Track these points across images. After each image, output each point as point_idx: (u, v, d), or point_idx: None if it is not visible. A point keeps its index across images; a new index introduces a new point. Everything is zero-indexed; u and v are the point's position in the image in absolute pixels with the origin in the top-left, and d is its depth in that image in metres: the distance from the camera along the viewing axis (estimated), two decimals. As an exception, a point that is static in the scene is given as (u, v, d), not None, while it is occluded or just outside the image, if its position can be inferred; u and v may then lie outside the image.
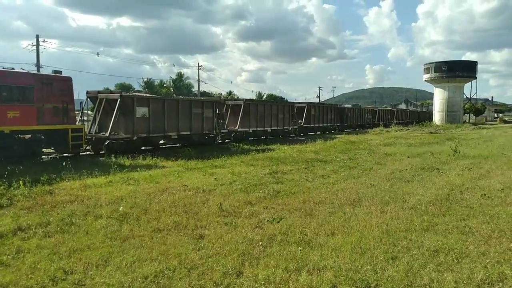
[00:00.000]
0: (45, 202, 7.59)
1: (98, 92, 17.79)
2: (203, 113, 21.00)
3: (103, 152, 16.37)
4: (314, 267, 4.53)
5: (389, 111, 62.88)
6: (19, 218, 6.48)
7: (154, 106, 18.20)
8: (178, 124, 19.36)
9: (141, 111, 17.40)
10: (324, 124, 37.48)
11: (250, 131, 25.79)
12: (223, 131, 23.25)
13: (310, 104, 36.17)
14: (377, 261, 4.68)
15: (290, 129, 30.93)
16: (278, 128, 29.09)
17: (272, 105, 29.43)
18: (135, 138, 17.10)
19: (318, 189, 9.15)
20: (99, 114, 17.20)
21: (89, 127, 17.66)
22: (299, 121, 32.95)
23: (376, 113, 54.40)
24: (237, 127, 24.63)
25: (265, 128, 27.57)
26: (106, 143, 16.24)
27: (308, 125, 34.51)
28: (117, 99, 16.68)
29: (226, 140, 24.46)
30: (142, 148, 18.18)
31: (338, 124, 41.00)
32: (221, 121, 23.05)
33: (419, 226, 6.15)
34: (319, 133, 36.14)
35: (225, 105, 25.36)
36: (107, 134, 16.24)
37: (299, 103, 37.63)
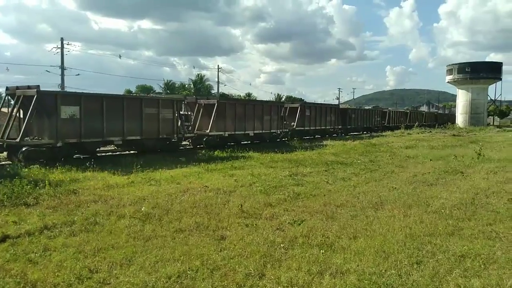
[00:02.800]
0: (70, 202, 7.76)
1: (17, 88, 14.63)
2: (159, 113, 17.50)
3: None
4: (337, 270, 4.49)
5: (402, 112, 57.24)
6: (45, 217, 6.63)
7: (88, 105, 14.85)
8: (123, 126, 15.93)
9: (68, 110, 14.17)
10: (322, 127, 33.13)
11: (226, 135, 21.87)
12: (188, 135, 19.91)
13: (304, 104, 32.06)
14: (401, 266, 4.61)
15: (279, 132, 26.71)
16: (264, 131, 24.87)
17: (255, 105, 25.03)
18: (59, 144, 13.91)
19: (339, 191, 9.07)
20: (13, 115, 14.41)
21: (2, 130, 14.50)
22: (292, 123, 28.93)
23: (386, 115, 49.14)
24: (208, 131, 20.74)
25: (247, 132, 23.44)
26: (22, 150, 13.22)
27: (302, 128, 30.14)
28: (34, 95, 13.54)
29: (200, 146, 21.05)
30: (76, 156, 15.30)
31: (340, 127, 36.69)
32: (187, 123, 19.88)
33: (444, 230, 6.03)
34: (318, 136, 32.35)
35: (197, 105, 21.64)
36: (18, 139, 13.37)
37: (292, 103, 33.95)
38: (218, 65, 69.97)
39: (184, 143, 21.26)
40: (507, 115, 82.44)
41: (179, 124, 18.83)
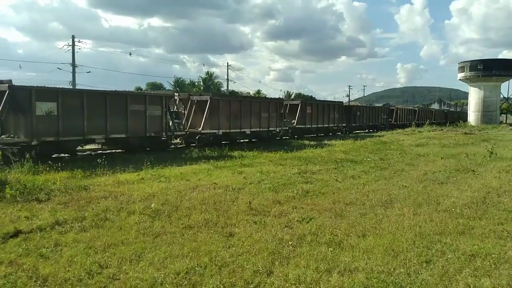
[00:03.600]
0: (81, 198, 7.84)
1: None
2: (147, 110, 16.65)
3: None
4: (345, 268, 4.48)
5: (410, 110, 55.40)
6: (56, 212, 6.72)
7: (67, 101, 14.02)
8: (106, 124, 15.14)
9: (44, 107, 13.42)
10: (325, 125, 32.08)
11: (220, 133, 20.69)
12: (179, 133, 19.08)
13: (305, 101, 31.11)
14: (410, 264, 4.59)
15: (278, 130, 25.67)
16: (262, 129, 23.81)
17: (252, 101, 23.82)
18: (34, 142, 13.15)
19: (348, 189, 9.04)
20: None
21: None
22: (292, 121, 28.05)
23: (393, 113, 47.80)
24: (200, 129, 19.69)
25: (243, 130, 22.41)
26: None
27: (303, 126, 29.20)
28: (6, 91, 12.87)
29: (193, 145, 20.34)
30: (54, 155, 14.49)
31: (344, 125, 35.61)
32: (177, 120, 19.07)
33: (454, 229, 5.97)
34: (321, 135, 31.82)
35: (190, 101, 20.62)
36: None
37: (292, 99, 33.01)
38: (227, 63, 70.10)
39: (176, 141, 20.54)
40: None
41: (169, 122, 18.14)
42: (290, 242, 5.34)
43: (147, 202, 7.57)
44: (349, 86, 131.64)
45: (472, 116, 62.68)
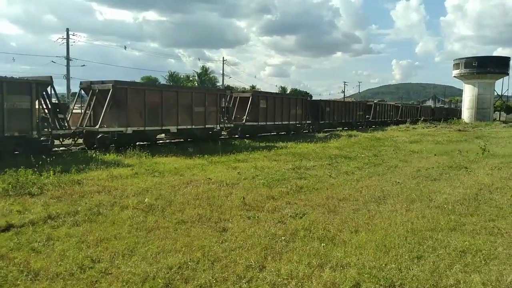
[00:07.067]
0: (74, 192, 7.81)
1: None
2: (4, 101, 12.36)
3: None
4: (337, 263, 4.50)
5: (391, 106, 50.50)
6: (49, 206, 6.69)
7: None
8: None
9: None
10: (285, 122, 27.39)
11: (129, 132, 16.20)
12: (61, 132, 14.52)
13: (258, 94, 26.17)
14: (401, 260, 4.61)
15: (218, 128, 21.20)
16: (195, 127, 19.40)
17: (179, 91, 18.96)
18: None
19: (342, 185, 9.07)
20: None
21: None
22: (243, 117, 23.89)
23: (371, 109, 42.89)
24: (97, 126, 15.42)
25: (166, 127, 18.09)
26: None
27: (255, 123, 24.46)
28: None
29: (95, 146, 15.42)
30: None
31: (310, 122, 31.42)
32: (61, 115, 14.57)
33: (446, 225, 6.02)
34: (283, 133, 27.81)
35: (91, 91, 16.53)
36: None
37: (243, 91, 29.28)
38: (223, 57, 69.66)
39: (68, 142, 16.08)
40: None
41: (40, 118, 13.77)
42: (283, 237, 5.36)
43: (141, 196, 7.55)
44: (344, 82, 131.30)
45: (466, 113, 63.06)
